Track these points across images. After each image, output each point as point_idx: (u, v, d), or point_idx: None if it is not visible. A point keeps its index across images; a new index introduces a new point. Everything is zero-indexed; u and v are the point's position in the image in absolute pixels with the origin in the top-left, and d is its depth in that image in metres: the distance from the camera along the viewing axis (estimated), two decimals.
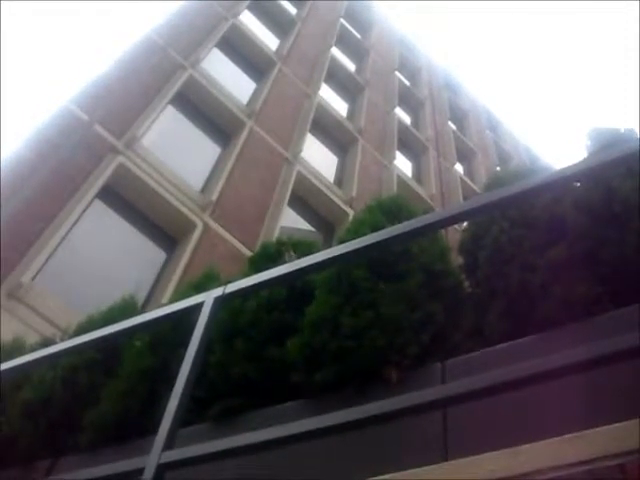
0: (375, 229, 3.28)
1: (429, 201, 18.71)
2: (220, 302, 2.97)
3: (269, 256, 4.27)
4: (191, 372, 2.70)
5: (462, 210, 2.65)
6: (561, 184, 2.74)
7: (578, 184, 3.34)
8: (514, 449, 2.21)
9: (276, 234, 12.90)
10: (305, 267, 2.79)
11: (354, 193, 16.41)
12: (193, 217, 12.47)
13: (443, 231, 3.92)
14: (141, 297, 10.50)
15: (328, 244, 13.94)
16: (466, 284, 3.77)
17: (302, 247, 4.28)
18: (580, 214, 3.19)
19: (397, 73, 26.44)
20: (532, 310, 3.11)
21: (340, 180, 17.56)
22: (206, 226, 12.52)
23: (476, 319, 3.38)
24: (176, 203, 12.39)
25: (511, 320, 3.18)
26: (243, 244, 12.70)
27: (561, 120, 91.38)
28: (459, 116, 29.50)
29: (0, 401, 5.10)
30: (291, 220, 14.72)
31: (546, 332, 2.95)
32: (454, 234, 3.82)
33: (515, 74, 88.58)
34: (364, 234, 2.98)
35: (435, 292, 3.53)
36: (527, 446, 2.18)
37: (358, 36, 26.31)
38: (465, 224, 4.08)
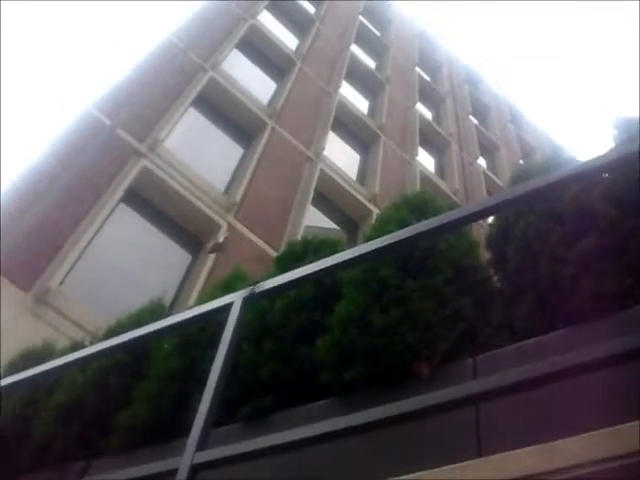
0: (401, 226, 3.25)
1: (452, 196, 18.61)
2: (249, 302, 2.98)
3: (295, 255, 4.27)
4: (222, 372, 2.71)
5: (490, 204, 2.63)
6: (589, 175, 2.71)
7: (606, 175, 3.30)
8: (550, 444, 2.19)
9: (300, 233, 12.92)
10: (333, 265, 2.78)
11: (377, 190, 16.37)
12: (217, 218, 12.52)
13: (469, 226, 3.90)
14: (167, 299, 10.55)
15: (352, 242, 13.93)
16: (494, 279, 3.75)
17: (328, 246, 4.28)
18: (609, 205, 3.15)
19: (417, 69, 26.35)
20: (562, 303, 3.08)
21: (363, 177, 17.53)
22: (230, 227, 12.56)
23: (505, 313, 3.36)
24: (200, 205, 12.44)
25: (541, 314, 3.15)
26: (267, 244, 12.72)
27: (584, 110, 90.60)
28: (481, 110, 29.33)
29: (34, 404, 5.16)
30: (315, 219, 14.72)
31: (576, 325, 2.92)
32: (477, 229, 3.79)
33: (536, 65, 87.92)
34: (390, 231, 2.97)
35: (464, 287, 3.50)
36: (563, 441, 2.17)
37: (377, 33, 26.25)
38: (491, 219, 4.05)
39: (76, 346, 5.39)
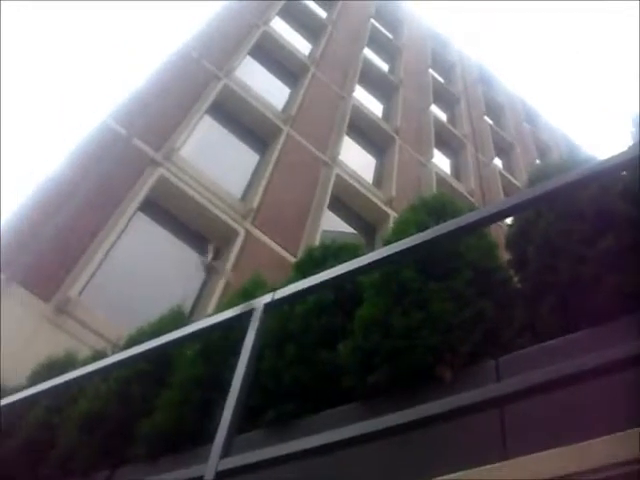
0: (420, 228, 3.26)
1: (469, 197, 18.55)
2: (270, 308, 2.99)
3: (315, 261, 4.27)
4: (245, 379, 2.71)
5: (510, 205, 2.62)
6: (608, 174, 2.69)
7: (625, 173, 3.27)
8: (577, 445, 2.17)
9: (318, 238, 12.92)
10: (354, 270, 2.78)
11: (393, 193, 16.36)
12: (235, 225, 12.55)
13: (488, 227, 3.88)
14: (187, 307, 10.58)
15: (370, 245, 13.92)
16: (515, 279, 3.73)
17: (347, 250, 4.27)
18: (628, 203, 3.13)
19: (430, 70, 26.30)
20: (584, 303, 3.05)
21: (379, 181, 17.52)
22: (248, 233, 12.59)
23: (527, 314, 3.34)
24: (217, 212, 12.47)
25: (563, 314, 3.13)
26: (285, 249, 12.73)
27: (599, 107, 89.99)
28: (495, 110, 29.22)
29: (58, 414, 5.20)
30: (332, 223, 14.72)
31: (600, 325, 2.90)
32: (496, 230, 3.76)
33: (549, 62, 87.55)
34: (410, 234, 2.96)
35: (484, 289, 3.49)
36: (590, 442, 2.15)
37: (389, 36, 26.25)
38: (509, 220, 4.03)
39: (98, 355, 5.43)
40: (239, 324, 3.13)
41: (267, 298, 3.01)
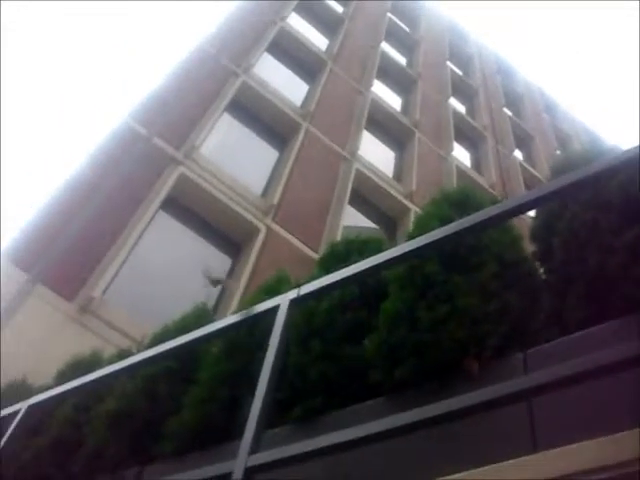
0: (444, 222, 3.24)
1: (490, 190, 18.45)
2: (295, 304, 2.99)
3: (338, 256, 4.27)
4: (272, 374, 2.72)
5: (535, 197, 2.60)
6: (635, 163, 2.67)
7: None
8: (610, 437, 2.15)
9: (339, 233, 12.93)
10: (379, 264, 2.78)
11: (414, 187, 16.31)
12: (256, 222, 12.57)
13: (512, 219, 3.85)
14: (210, 304, 10.61)
15: (391, 240, 13.89)
16: (540, 271, 3.70)
17: (371, 245, 4.27)
18: None
19: (448, 63, 26.20)
20: (612, 293, 3.03)
21: (399, 175, 17.48)
22: (269, 230, 12.61)
23: (554, 306, 3.32)
24: (238, 209, 12.50)
25: (591, 305, 3.10)
26: (306, 245, 12.74)
27: (618, 95, 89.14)
28: (514, 101, 29.04)
29: (85, 412, 5.24)
30: (352, 218, 14.70)
31: (627, 316, 2.87)
32: (518, 222, 3.73)
33: (567, 51, 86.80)
34: (433, 228, 2.96)
35: (509, 282, 3.47)
36: (623, 434, 2.13)
37: (407, 29, 26.15)
38: (531, 212, 4.00)
39: (123, 354, 5.47)
40: (265, 320, 3.14)
41: (293, 294, 3.02)
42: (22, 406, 4.14)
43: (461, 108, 24.13)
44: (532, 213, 3.90)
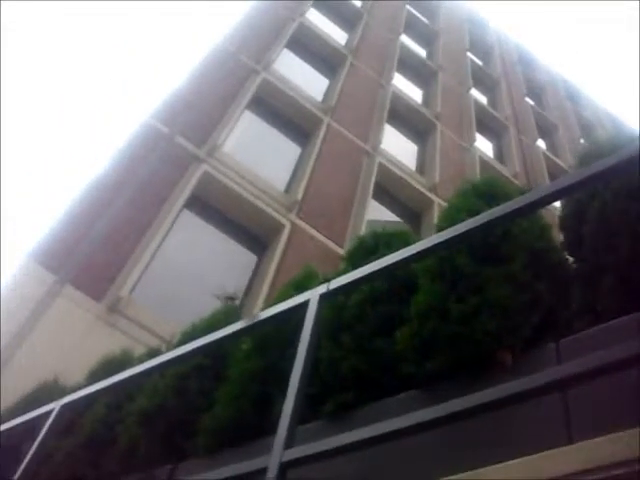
0: (472, 213, 3.22)
1: (514, 180, 18.32)
2: (325, 299, 2.99)
3: (366, 249, 4.25)
4: (304, 369, 2.72)
5: (566, 185, 2.57)
6: None
7: None
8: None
9: (363, 228, 12.91)
10: (408, 257, 2.77)
11: (437, 179, 16.25)
12: (280, 218, 12.59)
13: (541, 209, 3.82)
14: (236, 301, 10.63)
15: (416, 233, 13.84)
16: (570, 261, 3.67)
17: (399, 238, 4.25)
18: None
19: (469, 53, 26.05)
20: None
21: (422, 167, 17.42)
22: (294, 226, 12.62)
23: (586, 295, 3.29)
24: (262, 205, 12.52)
25: (623, 293, 3.07)
26: (331, 240, 12.74)
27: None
28: (536, 90, 28.83)
29: (117, 411, 5.29)
30: (376, 212, 14.67)
31: None
32: (546, 211, 3.70)
33: (588, 38, 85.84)
34: (461, 219, 2.94)
35: (540, 272, 3.44)
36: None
37: (425, 21, 26.03)
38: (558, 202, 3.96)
39: (153, 352, 5.50)
40: (295, 316, 3.14)
41: (322, 288, 3.02)
42: (55, 406, 4.17)
43: (482, 99, 24.00)
44: (558, 203, 3.87)
